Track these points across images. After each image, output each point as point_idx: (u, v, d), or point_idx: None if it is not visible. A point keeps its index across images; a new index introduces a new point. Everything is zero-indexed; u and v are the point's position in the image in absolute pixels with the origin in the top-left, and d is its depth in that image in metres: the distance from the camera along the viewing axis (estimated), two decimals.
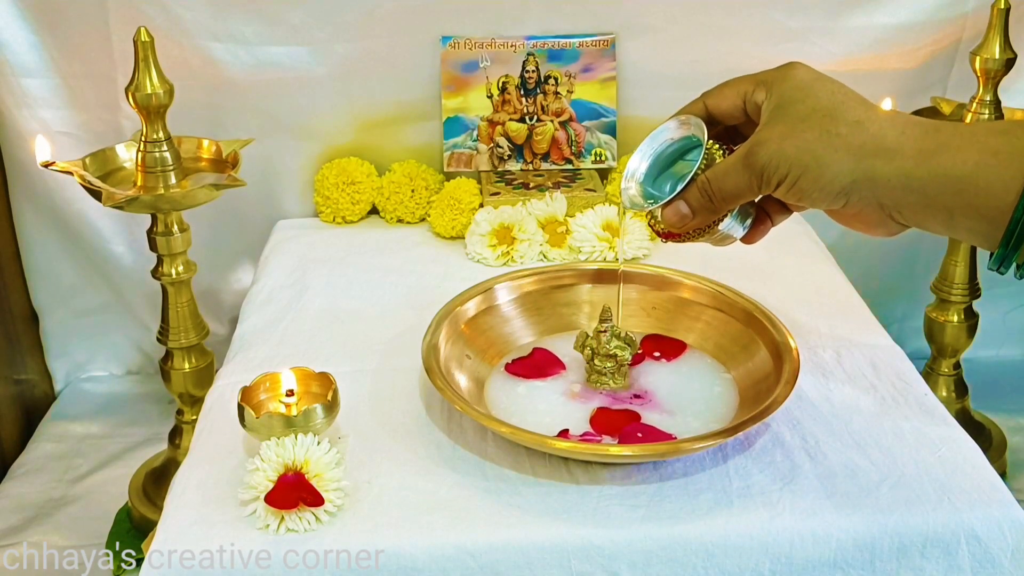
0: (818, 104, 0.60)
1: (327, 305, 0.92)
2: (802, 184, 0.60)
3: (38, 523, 1.04)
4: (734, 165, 0.62)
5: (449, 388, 0.72)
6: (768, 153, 0.60)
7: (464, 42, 1.08)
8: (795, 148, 0.59)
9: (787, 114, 0.61)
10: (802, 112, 0.60)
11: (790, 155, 0.59)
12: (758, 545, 0.64)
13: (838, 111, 0.59)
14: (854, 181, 0.59)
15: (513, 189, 1.08)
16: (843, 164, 0.59)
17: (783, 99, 0.61)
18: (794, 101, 0.61)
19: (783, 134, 0.60)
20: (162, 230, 0.92)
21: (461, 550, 0.64)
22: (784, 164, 0.60)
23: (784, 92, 0.62)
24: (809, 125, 0.59)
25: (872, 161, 0.58)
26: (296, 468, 0.65)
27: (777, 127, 0.61)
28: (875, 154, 0.58)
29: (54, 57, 1.07)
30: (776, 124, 0.61)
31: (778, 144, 0.60)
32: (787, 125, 0.60)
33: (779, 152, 0.60)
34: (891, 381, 0.80)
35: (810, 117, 0.60)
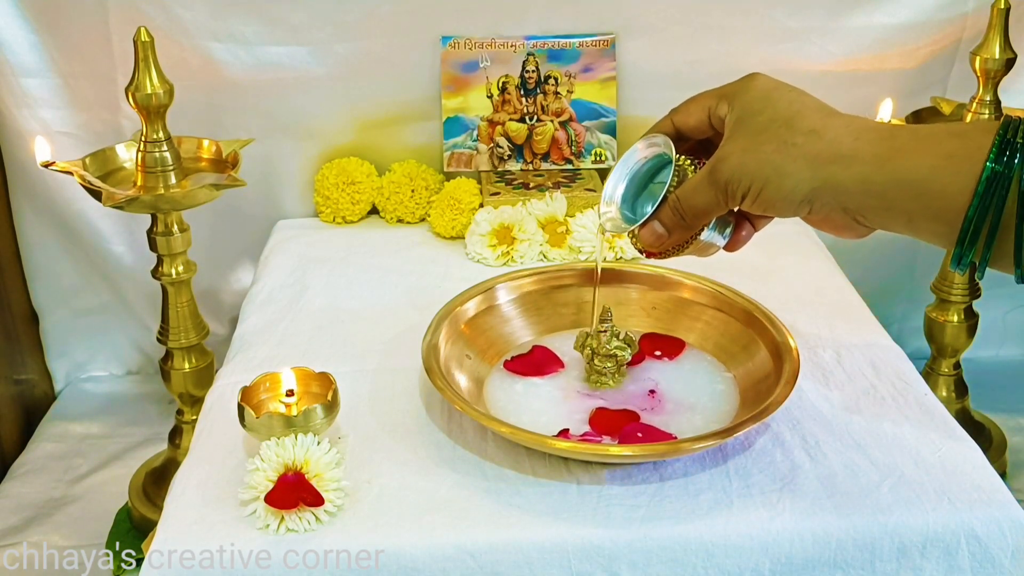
0: (776, 115, 0.61)
1: (327, 305, 0.92)
2: (765, 196, 0.61)
3: (38, 523, 1.04)
4: (701, 182, 0.63)
5: (449, 388, 0.72)
6: (730, 168, 0.61)
7: (464, 42, 1.08)
8: (755, 161, 0.60)
9: (747, 127, 0.62)
10: (761, 124, 0.61)
11: (751, 168, 0.61)
12: (758, 545, 0.65)
13: (794, 121, 0.60)
14: (814, 189, 0.59)
15: (513, 189, 1.08)
16: (802, 173, 0.59)
17: (743, 111, 0.62)
18: (753, 113, 0.62)
19: (744, 148, 0.61)
20: (162, 230, 0.92)
21: (461, 550, 0.64)
22: (746, 178, 0.61)
23: (744, 104, 0.63)
24: (768, 137, 0.60)
25: (830, 168, 0.59)
26: (296, 468, 0.65)
27: (738, 141, 0.62)
28: (832, 161, 0.59)
29: (54, 57, 1.07)
30: (737, 138, 0.62)
31: (739, 158, 0.61)
32: (747, 138, 0.61)
33: (740, 166, 0.61)
34: (891, 381, 0.80)
35: (768, 128, 0.61)
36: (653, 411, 0.75)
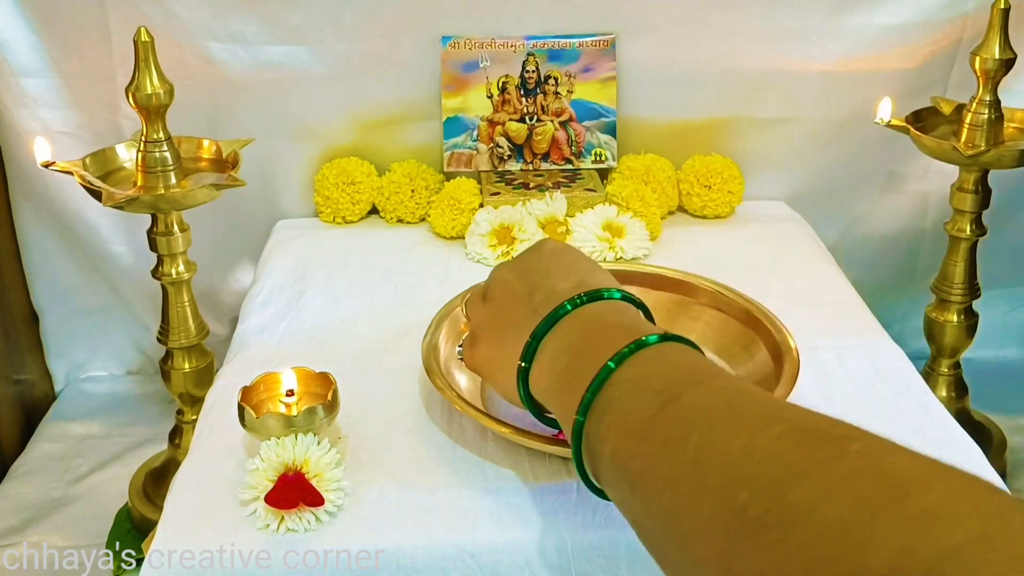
0: None
1: (327, 305, 0.92)
2: None
3: (38, 523, 1.04)
4: None
5: (449, 388, 0.72)
6: None
7: (464, 42, 1.08)
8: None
9: None
10: None
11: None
12: None
13: None
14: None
15: (513, 189, 1.08)
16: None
17: None
18: None
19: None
20: (162, 230, 0.92)
21: (461, 550, 0.64)
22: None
23: None
24: None
25: None
26: (296, 468, 0.65)
27: None
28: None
29: (54, 57, 1.07)
30: None
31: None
32: None
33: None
34: (891, 381, 0.80)
35: None
36: None
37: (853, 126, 1.12)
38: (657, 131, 1.13)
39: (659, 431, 0.47)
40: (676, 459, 0.45)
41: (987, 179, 1.01)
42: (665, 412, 0.47)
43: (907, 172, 1.17)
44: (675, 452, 0.45)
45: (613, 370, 0.52)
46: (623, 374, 0.52)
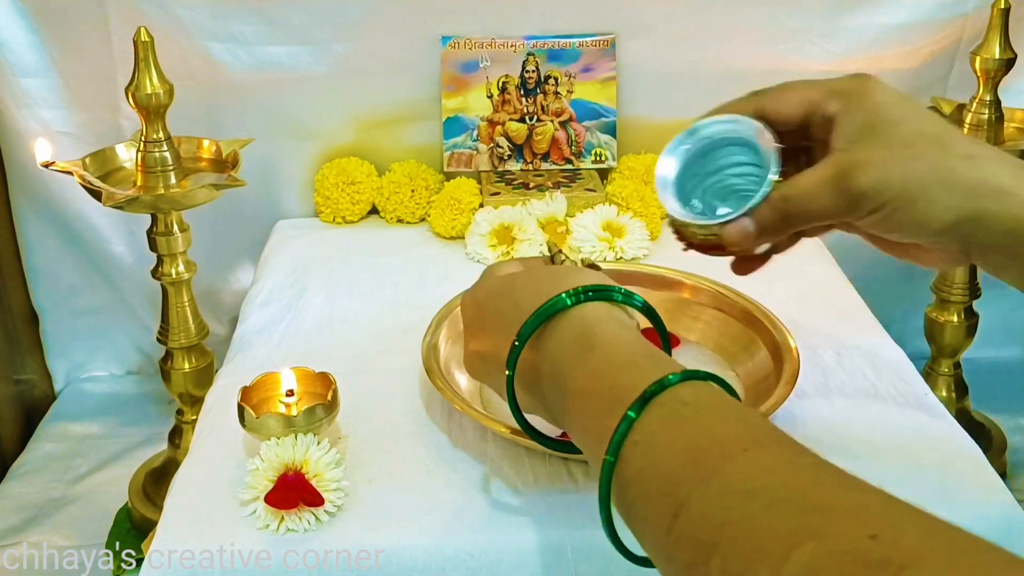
0: (921, 129, 0.55)
1: (327, 305, 0.92)
2: (901, 217, 0.55)
3: (38, 523, 1.04)
4: (823, 184, 0.56)
5: (449, 388, 0.72)
6: (870, 179, 0.54)
7: (464, 42, 1.08)
8: (902, 177, 0.54)
9: (885, 136, 0.55)
10: (905, 136, 0.54)
11: (895, 184, 0.54)
12: None
13: (948, 141, 0.54)
14: (959, 220, 0.54)
15: (513, 189, 1.08)
16: (953, 200, 0.53)
17: (874, 116, 0.55)
18: (891, 122, 0.55)
19: (886, 160, 0.54)
20: (162, 230, 0.92)
21: (461, 550, 0.64)
22: (887, 193, 0.54)
23: (874, 109, 0.56)
24: (917, 153, 0.54)
25: (985, 202, 0.53)
26: (296, 468, 0.65)
27: (877, 150, 0.55)
28: (990, 194, 0.53)
29: (54, 57, 1.07)
30: (874, 146, 0.55)
31: (882, 170, 0.54)
32: (889, 150, 0.54)
33: (883, 179, 0.54)
34: (891, 381, 0.80)
35: (916, 144, 0.54)
36: None
37: None
38: (657, 131, 1.12)
39: (679, 552, 0.42)
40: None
41: None
42: (678, 528, 0.42)
43: None
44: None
45: (627, 434, 0.47)
46: (626, 469, 0.47)
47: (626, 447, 0.47)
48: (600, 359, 0.53)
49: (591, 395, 0.52)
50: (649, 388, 0.47)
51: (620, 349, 0.53)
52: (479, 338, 0.64)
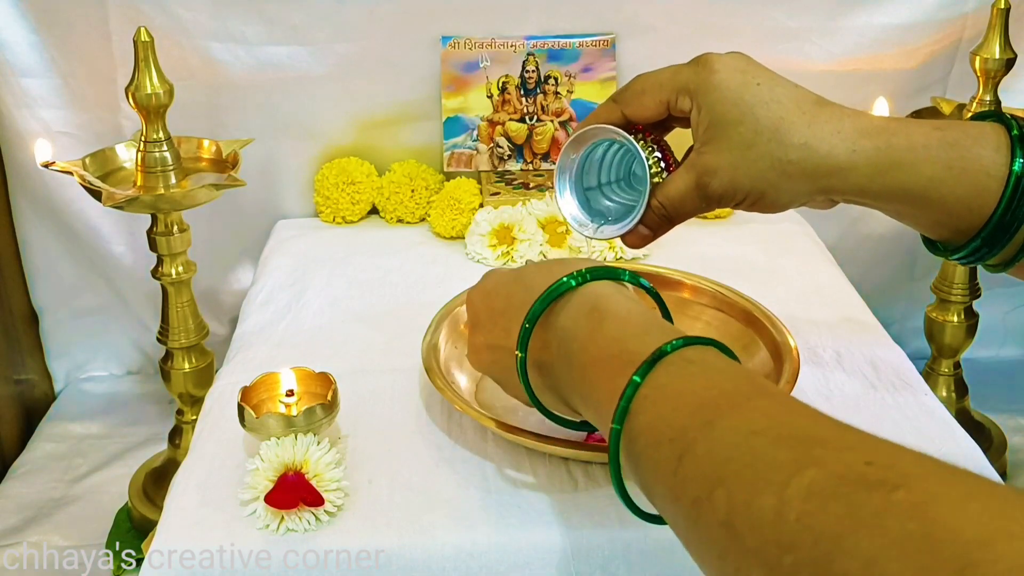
0: (759, 126, 0.60)
1: (327, 305, 0.92)
2: (759, 205, 0.62)
3: (38, 523, 1.04)
4: (688, 193, 0.63)
5: (449, 388, 0.72)
6: (722, 184, 0.61)
7: (464, 42, 1.08)
8: (748, 179, 0.61)
9: (728, 137, 0.60)
10: (744, 137, 0.60)
11: (744, 185, 0.61)
12: None
13: (782, 133, 0.59)
14: (810, 196, 0.61)
15: (513, 189, 1.08)
16: (798, 186, 0.60)
17: (717, 117, 0.61)
18: (731, 122, 0.60)
19: (732, 164, 0.61)
20: (162, 230, 0.92)
21: (461, 550, 0.64)
22: (740, 192, 0.61)
23: (715, 108, 0.61)
24: (757, 153, 0.60)
25: (828, 180, 0.60)
26: (296, 468, 0.65)
27: (723, 154, 0.61)
28: (829, 174, 0.59)
29: (54, 57, 1.07)
30: (721, 150, 0.61)
31: (730, 175, 0.61)
32: (733, 154, 0.60)
33: (732, 182, 0.61)
34: (891, 381, 0.80)
35: (755, 144, 0.60)
36: None
37: None
38: None
39: (685, 491, 0.44)
40: (710, 521, 0.42)
41: None
42: (684, 468, 0.44)
43: None
44: (707, 514, 0.42)
45: (633, 397, 0.50)
46: (635, 423, 0.49)
47: (636, 402, 0.49)
48: (611, 328, 0.55)
49: (602, 361, 0.54)
50: (658, 350, 0.50)
51: (631, 319, 0.55)
52: (487, 327, 0.65)
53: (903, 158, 0.58)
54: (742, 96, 0.60)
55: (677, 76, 0.63)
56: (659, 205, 0.65)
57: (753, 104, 0.60)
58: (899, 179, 0.59)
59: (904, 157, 0.58)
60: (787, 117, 0.59)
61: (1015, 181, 0.57)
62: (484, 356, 0.66)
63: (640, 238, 0.67)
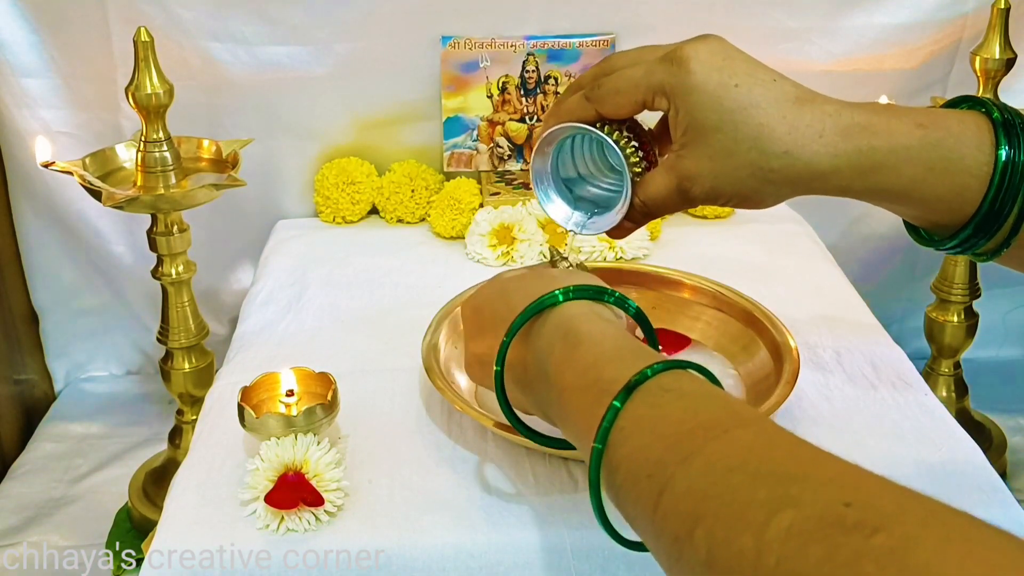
0: (738, 134, 0.58)
1: (327, 305, 0.92)
2: (743, 207, 0.62)
3: (38, 523, 1.04)
4: (669, 195, 0.63)
5: (449, 388, 0.72)
6: (704, 189, 0.61)
7: (464, 42, 1.08)
8: (730, 184, 0.60)
9: (708, 143, 0.59)
10: (725, 144, 0.59)
11: (727, 190, 0.60)
12: None
13: (763, 141, 0.58)
14: (792, 197, 0.61)
15: (513, 189, 1.08)
16: (782, 192, 0.60)
17: (695, 121, 0.59)
18: (710, 129, 0.59)
19: (713, 171, 0.60)
20: (162, 230, 0.92)
21: (461, 550, 0.64)
22: (722, 196, 0.61)
23: (693, 111, 0.59)
24: (738, 162, 0.59)
25: (811, 184, 0.59)
26: (296, 468, 0.65)
27: (703, 160, 0.60)
28: (812, 179, 0.59)
29: (54, 57, 1.07)
30: (701, 156, 0.60)
31: (711, 182, 0.60)
32: (713, 161, 0.59)
33: (715, 188, 0.61)
34: (891, 381, 0.80)
35: (735, 152, 0.59)
36: None
37: None
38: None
39: (665, 528, 0.43)
40: (692, 560, 0.41)
41: None
42: (664, 505, 0.44)
43: None
44: (688, 553, 0.42)
45: (611, 426, 0.49)
46: (613, 455, 0.49)
47: (613, 434, 0.49)
48: (585, 354, 0.55)
49: (578, 390, 0.53)
50: (633, 378, 0.49)
51: (605, 344, 0.55)
52: (476, 340, 0.65)
53: (885, 160, 0.58)
54: (721, 102, 0.58)
55: (652, 75, 0.61)
56: (641, 204, 0.65)
57: (732, 110, 0.58)
58: (881, 180, 0.58)
59: (886, 159, 0.58)
60: (767, 124, 0.58)
61: (1002, 169, 0.57)
62: (475, 368, 0.67)
63: (624, 230, 0.68)
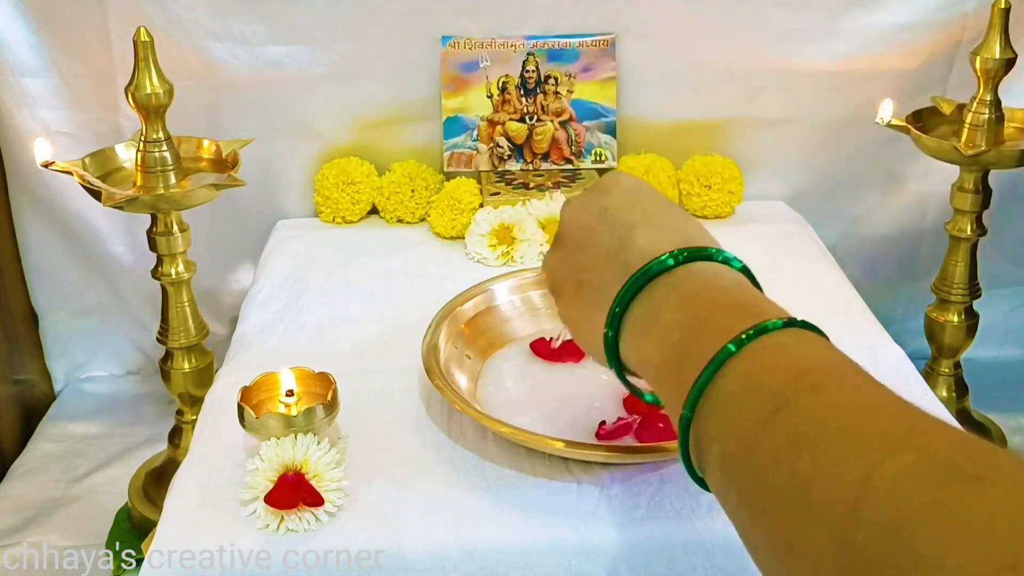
0: None
1: (327, 305, 0.92)
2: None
3: (38, 523, 1.04)
4: None
5: (449, 388, 0.72)
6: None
7: (464, 42, 1.08)
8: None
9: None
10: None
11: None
12: None
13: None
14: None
15: (513, 189, 1.08)
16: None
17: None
18: None
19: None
20: (162, 230, 0.92)
21: (461, 550, 0.64)
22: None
23: None
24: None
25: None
26: (296, 468, 0.65)
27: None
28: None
29: (54, 57, 1.07)
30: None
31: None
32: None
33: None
34: (891, 381, 0.78)
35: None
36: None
37: (853, 126, 1.12)
38: (657, 131, 1.13)
39: (769, 439, 0.42)
40: (785, 478, 0.40)
41: (987, 179, 1.01)
42: (777, 418, 0.42)
43: (907, 172, 1.17)
44: (784, 468, 0.40)
45: (728, 358, 0.46)
46: (738, 366, 0.46)
47: (741, 351, 0.46)
48: (707, 298, 0.52)
49: (714, 311, 0.50)
50: (764, 323, 0.47)
51: (731, 292, 0.53)
52: (579, 252, 0.59)
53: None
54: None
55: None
56: None
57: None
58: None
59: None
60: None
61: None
62: (563, 313, 0.62)
63: None
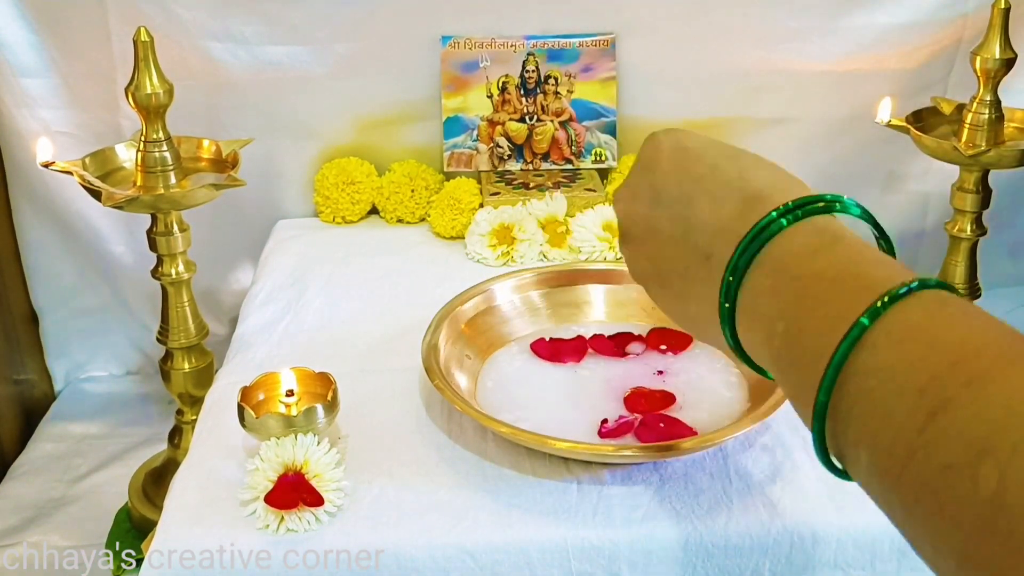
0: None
1: (327, 305, 0.92)
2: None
3: (38, 523, 1.04)
4: None
5: (449, 388, 0.72)
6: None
7: (464, 42, 1.08)
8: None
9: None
10: None
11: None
12: (758, 545, 0.65)
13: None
14: None
15: (513, 189, 1.08)
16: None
17: None
18: None
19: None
20: (162, 230, 0.92)
21: (461, 550, 0.64)
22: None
23: None
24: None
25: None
26: (296, 468, 0.65)
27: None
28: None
29: (54, 57, 1.07)
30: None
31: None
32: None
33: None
34: None
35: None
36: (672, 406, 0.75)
37: (853, 126, 1.12)
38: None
39: (934, 453, 0.36)
40: (966, 496, 0.35)
41: (987, 179, 1.01)
42: (937, 424, 0.37)
43: (907, 172, 1.17)
44: (964, 486, 0.35)
45: (855, 344, 0.41)
46: (870, 358, 0.41)
47: (873, 331, 0.41)
48: (845, 250, 0.47)
49: (834, 281, 0.45)
50: (904, 284, 0.42)
51: (868, 247, 0.47)
52: (648, 245, 0.56)
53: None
54: None
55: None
56: None
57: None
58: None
59: None
60: None
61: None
62: (660, 304, 0.59)
63: None
